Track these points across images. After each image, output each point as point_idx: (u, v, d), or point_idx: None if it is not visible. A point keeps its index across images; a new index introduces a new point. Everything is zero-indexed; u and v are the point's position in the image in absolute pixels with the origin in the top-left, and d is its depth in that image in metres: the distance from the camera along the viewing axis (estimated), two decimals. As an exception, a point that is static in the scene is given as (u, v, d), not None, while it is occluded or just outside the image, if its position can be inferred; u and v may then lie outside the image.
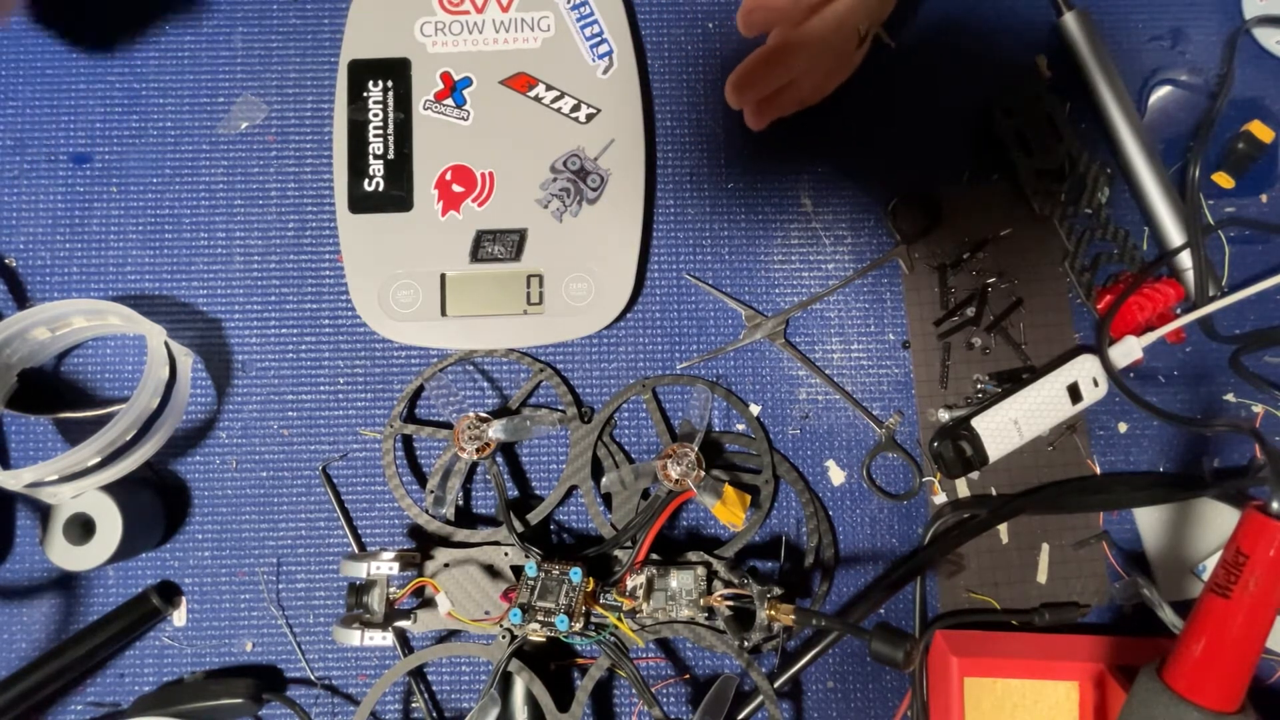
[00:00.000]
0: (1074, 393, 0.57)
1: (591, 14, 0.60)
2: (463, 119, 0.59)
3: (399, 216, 0.59)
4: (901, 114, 0.62)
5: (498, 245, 0.58)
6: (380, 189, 0.59)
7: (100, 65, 0.62)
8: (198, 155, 0.61)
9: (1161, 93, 0.63)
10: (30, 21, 0.62)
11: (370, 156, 0.59)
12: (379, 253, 0.58)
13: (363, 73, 0.59)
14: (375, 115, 0.59)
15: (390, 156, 0.59)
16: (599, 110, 0.59)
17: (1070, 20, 0.61)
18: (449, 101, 0.59)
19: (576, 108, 0.59)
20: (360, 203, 0.59)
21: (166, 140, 0.61)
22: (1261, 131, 0.61)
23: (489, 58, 0.60)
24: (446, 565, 0.55)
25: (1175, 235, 0.59)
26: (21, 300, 0.60)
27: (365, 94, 0.59)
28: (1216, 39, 0.63)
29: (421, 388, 0.59)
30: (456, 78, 0.59)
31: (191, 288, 0.60)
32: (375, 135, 0.59)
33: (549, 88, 0.59)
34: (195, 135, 0.61)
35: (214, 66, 0.62)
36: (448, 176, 0.59)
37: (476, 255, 0.58)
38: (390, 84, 0.59)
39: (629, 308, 0.60)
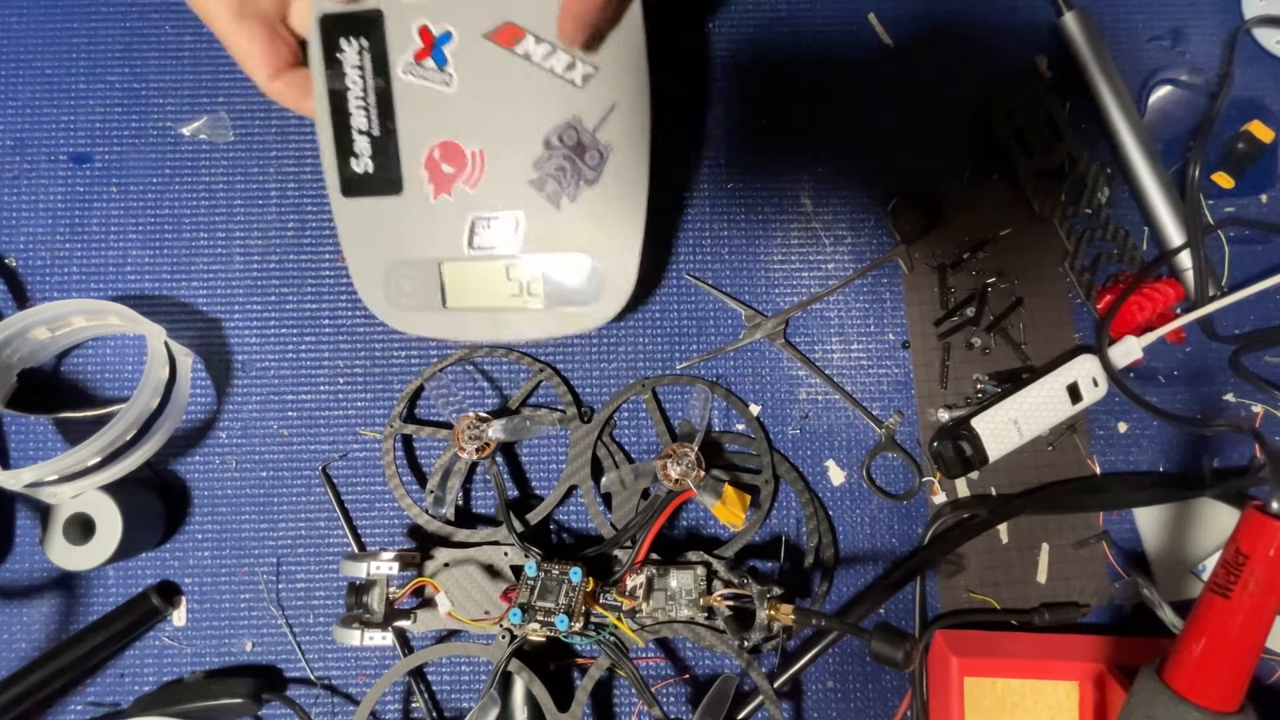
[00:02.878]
0: (1074, 393, 0.57)
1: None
2: (445, 84, 0.53)
3: (391, 200, 0.54)
4: (901, 114, 0.62)
5: (493, 233, 0.55)
6: (370, 171, 0.54)
7: (100, 65, 0.62)
8: (198, 155, 0.61)
9: (1161, 93, 0.63)
10: (30, 21, 0.62)
11: (354, 132, 0.54)
12: (376, 239, 0.55)
13: (335, 29, 0.53)
14: (354, 83, 0.53)
15: (375, 132, 0.54)
16: (596, 70, 0.52)
17: (1070, 20, 0.61)
18: (429, 63, 0.53)
19: (571, 66, 0.52)
20: (352, 186, 0.55)
21: (166, 140, 0.61)
22: (1261, 131, 0.61)
23: (470, 6, 0.53)
24: (446, 565, 0.55)
25: (1175, 235, 0.59)
26: (21, 300, 0.60)
27: (339, 55, 0.53)
28: (1216, 39, 0.63)
29: (421, 388, 0.59)
30: (435, 33, 0.53)
31: (191, 288, 0.60)
32: (357, 107, 0.54)
33: (539, 40, 0.52)
34: (195, 135, 0.61)
35: (214, 66, 0.62)
36: (436, 155, 0.54)
37: (473, 243, 0.55)
38: (365, 43, 0.53)
39: (638, 296, 0.59)
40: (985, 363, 0.60)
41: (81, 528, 0.54)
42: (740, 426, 0.60)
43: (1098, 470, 0.59)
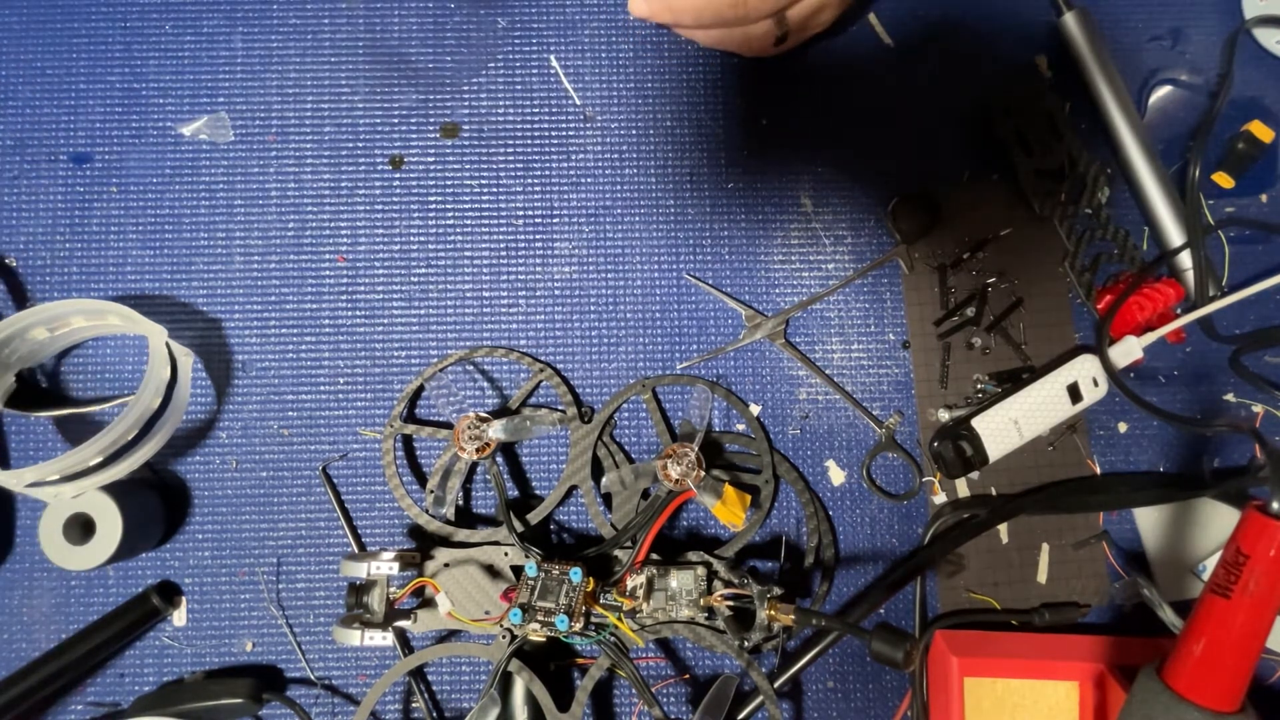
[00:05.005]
0: (1074, 393, 0.57)
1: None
2: None
3: None
4: (901, 114, 0.62)
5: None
6: None
7: (100, 65, 0.62)
8: (198, 155, 0.61)
9: (1161, 93, 0.63)
10: (30, 21, 0.62)
11: None
12: None
13: None
14: None
15: None
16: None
17: (1070, 20, 0.61)
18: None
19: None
20: None
21: (166, 140, 0.61)
22: (1261, 131, 0.61)
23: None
24: (446, 565, 0.55)
25: (1175, 235, 0.59)
26: (21, 300, 0.60)
27: None
28: (1216, 39, 0.63)
29: (421, 388, 0.59)
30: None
31: (191, 288, 0.60)
32: None
33: None
34: (195, 135, 0.61)
35: (214, 66, 0.62)
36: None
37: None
38: None
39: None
40: (985, 363, 0.60)
41: (81, 528, 0.54)
42: (740, 426, 0.60)
43: (1098, 470, 0.59)
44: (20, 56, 0.61)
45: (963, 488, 0.59)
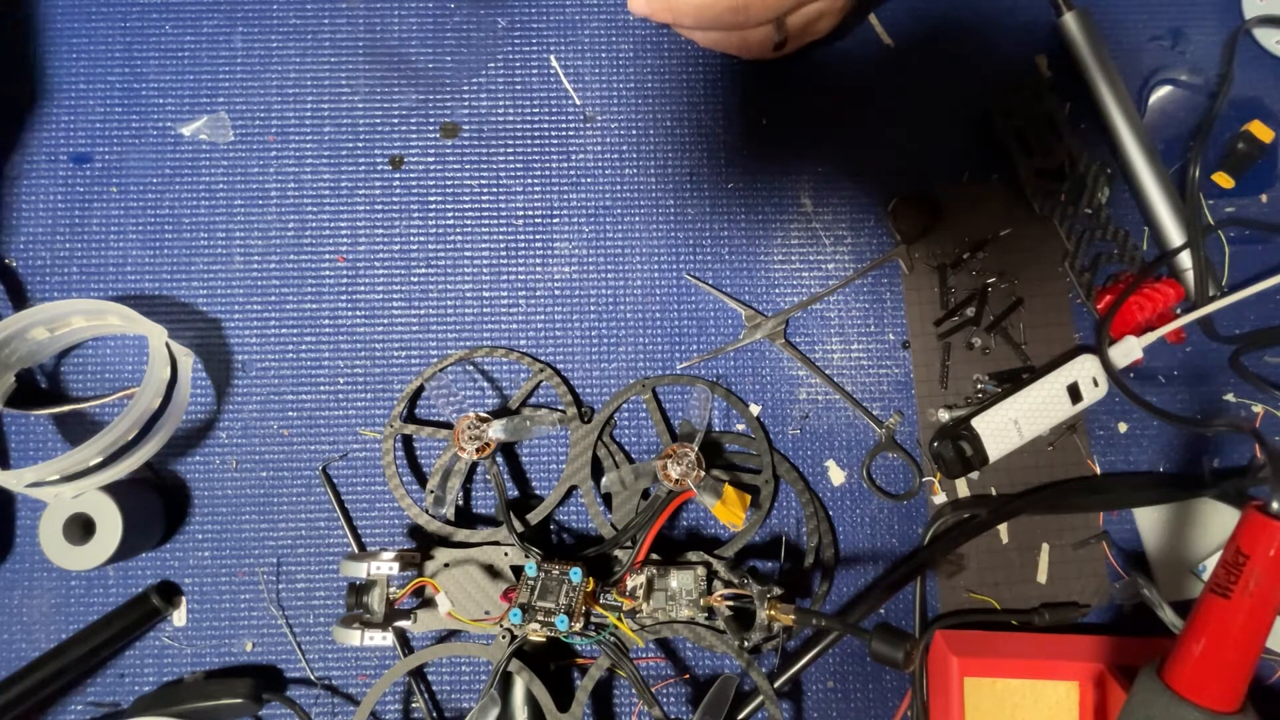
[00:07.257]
0: (1074, 393, 0.57)
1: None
2: None
3: None
4: (901, 114, 0.62)
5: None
6: None
7: (100, 65, 0.62)
8: (198, 155, 0.61)
9: (1161, 93, 0.63)
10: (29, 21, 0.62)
11: None
12: None
13: None
14: None
15: None
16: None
17: (1070, 20, 0.61)
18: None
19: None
20: None
21: (166, 140, 0.61)
22: (1261, 131, 0.61)
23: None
24: (446, 565, 0.55)
25: (1175, 235, 0.59)
26: (21, 300, 0.60)
27: None
28: (1216, 39, 0.63)
29: (421, 388, 0.59)
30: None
31: (191, 288, 0.60)
32: None
33: None
34: (195, 135, 0.61)
35: (214, 66, 0.62)
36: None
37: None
38: None
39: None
40: (985, 363, 0.60)
41: (81, 528, 0.54)
42: (740, 426, 0.59)
43: (1098, 470, 0.59)
44: (20, 56, 0.61)
45: (963, 488, 0.59)
